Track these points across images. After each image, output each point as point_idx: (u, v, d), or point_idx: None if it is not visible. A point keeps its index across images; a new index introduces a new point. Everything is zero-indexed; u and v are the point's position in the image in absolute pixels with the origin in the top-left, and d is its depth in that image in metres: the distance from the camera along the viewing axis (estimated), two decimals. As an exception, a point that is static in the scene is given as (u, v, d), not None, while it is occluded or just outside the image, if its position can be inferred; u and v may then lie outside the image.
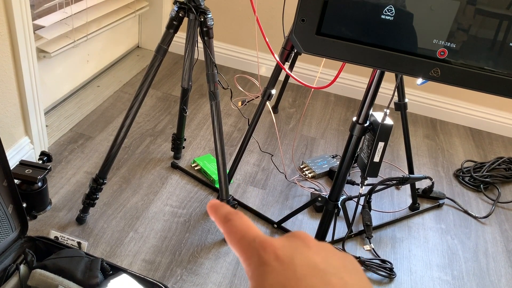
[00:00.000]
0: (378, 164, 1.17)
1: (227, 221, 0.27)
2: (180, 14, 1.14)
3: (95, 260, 1.02)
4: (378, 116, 1.14)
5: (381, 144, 1.14)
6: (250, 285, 0.24)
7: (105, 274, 1.03)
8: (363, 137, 1.16)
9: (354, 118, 1.14)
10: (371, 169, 1.17)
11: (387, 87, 2.21)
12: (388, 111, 1.11)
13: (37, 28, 1.54)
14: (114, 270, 1.04)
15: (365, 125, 1.13)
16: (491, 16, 0.80)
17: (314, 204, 1.53)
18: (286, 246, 0.24)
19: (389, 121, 1.13)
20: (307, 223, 1.49)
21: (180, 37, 2.39)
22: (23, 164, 1.31)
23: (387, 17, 0.82)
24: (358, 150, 1.19)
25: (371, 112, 1.13)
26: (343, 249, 1.37)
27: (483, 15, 0.80)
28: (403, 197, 1.69)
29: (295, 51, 1.43)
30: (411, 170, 1.58)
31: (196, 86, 2.16)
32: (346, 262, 0.24)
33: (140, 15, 2.32)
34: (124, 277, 1.02)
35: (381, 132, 1.12)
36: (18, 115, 1.42)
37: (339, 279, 0.23)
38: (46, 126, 1.66)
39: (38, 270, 0.97)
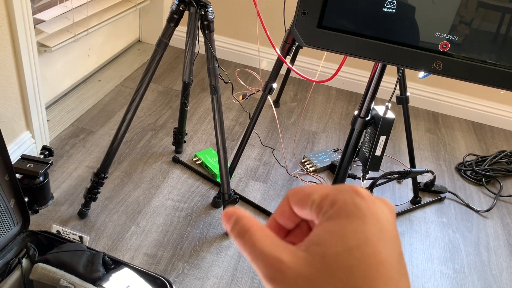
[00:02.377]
0: (380, 158, 1.17)
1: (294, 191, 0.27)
2: (180, 8, 1.13)
3: (97, 254, 1.02)
4: (379, 109, 1.13)
5: (382, 138, 1.13)
6: (322, 220, 0.23)
7: (107, 268, 1.03)
8: (364, 131, 1.16)
9: (356, 112, 1.13)
10: (373, 163, 1.17)
11: (389, 80, 2.20)
12: (389, 104, 1.11)
13: (37, 22, 1.53)
14: (116, 264, 1.05)
15: (367, 119, 1.12)
16: (494, 9, 0.79)
17: (316, 198, 1.53)
18: (378, 204, 0.24)
19: (390, 114, 1.12)
20: (309, 217, 1.49)
21: (180, 31, 2.38)
22: (24, 158, 1.31)
23: (389, 10, 0.81)
24: (360, 144, 1.19)
25: (372, 105, 1.13)
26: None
27: (486, 8, 0.80)
28: (404, 191, 1.68)
29: (297, 44, 1.43)
30: (412, 164, 1.57)
31: (197, 80, 2.15)
32: (404, 260, 0.25)
33: (141, 9, 2.31)
34: (126, 271, 1.03)
35: (382, 126, 1.12)
36: (19, 110, 1.41)
37: (404, 263, 0.23)
38: (47, 120, 1.66)
39: (40, 264, 0.97)
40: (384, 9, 0.81)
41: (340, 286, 0.21)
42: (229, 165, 1.50)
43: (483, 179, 1.79)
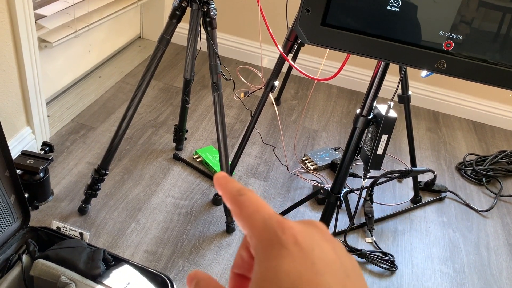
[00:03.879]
0: (381, 156, 1.16)
1: (240, 194, 0.25)
2: (183, 4, 1.13)
3: (97, 251, 1.02)
4: (381, 108, 1.13)
5: (384, 137, 1.13)
6: (256, 262, 0.22)
7: (107, 264, 1.03)
8: (366, 129, 1.16)
9: (358, 111, 1.13)
10: (374, 161, 1.17)
11: (390, 79, 2.20)
12: (392, 103, 1.11)
13: (38, 17, 1.52)
14: (116, 261, 1.04)
15: (369, 117, 1.12)
16: (497, 9, 0.79)
17: (316, 197, 1.53)
18: (306, 233, 0.23)
19: (393, 113, 1.12)
20: (309, 215, 1.48)
21: (181, 28, 2.37)
22: (25, 154, 1.31)
23: (393, 8, 0.81)
24: (361, 142, 1.18)
25: (374, 104, 1.12)
26: (345, 242, 1.37)
27: (489, 8, 0.79)
28: (405, 190, 1.68)
29: (299, 42, 1.42)
30: (413, 163, 1.57)
31: (197, 78, 2.15)
32: (355, 265, 0.24)
33: (142, 5, 2.31)
34: (126, 268, 1.03)
35: (384, 125, 1.11)
36: (20, 105, 1.41)
37: (353, 284, 0.22)
38: (48, 116, 1.65)
39: (41, 260, 0.97)
40: (389, 7, 0.80)
41: None
42: (229, 162, 1.50)
43: (484, 178, 1.79)
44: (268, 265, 0.22)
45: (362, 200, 1.46)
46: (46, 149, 1.40)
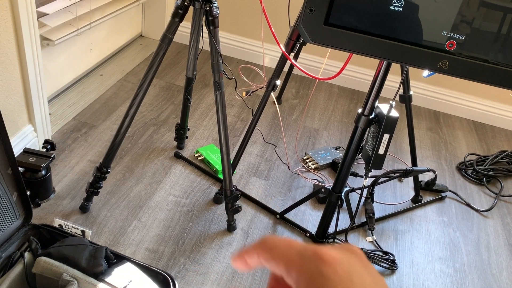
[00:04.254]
0: (383, 156, 1.17)
1: (262, 243, 0.27)
2: (185, 3, 1.13)
3: (100, 249, 1.03)
4: (383, 108, 1.14)
5: (386, 136, 1.13)
6: None
7: (109, 262, 1.03)
8: (368, 129, 1.16)
9: (360, 110, 1.13)
10: (376, 161, 1.17)
11: (391, 79, 2.20)
12: (394, 103, 1.11)
13: (40, 15, 1.53)
14: (118, 259, 1.05)
15: (371, 117, 1.12)
16: (499, 9, 0.79)
17: (317, 196, 1.53)
18: (344, 261, 0.24)
19: (394, 113, 1.13)
20: (310, 214, 1.49)
21: (183, 27, 2.37)
22: (26, 152, 1.31)
23: (396, 8, 0.81)
24: (363, 142, 1.19)
25: (376, 104, 1.13)
26: (346, 241, 1.37)
27: (491, 8, 0.79)
28: (405, 190, 1.69)
29: (301, 41, 1.42)
30: (414, 163, 1.58)
31: (199, 76, 2.15)
32: (386, 285, 0.25)
33: (143, 3, 2.31)
34: (128, 265, 1.03)
35: (386, 124, 1.12)
36: (22, 103, 1.41)
37: None
38: (49, 114, 1.66)
39: (43, 258, 0.97)
40: (392, 7, 0.81)
41: None
42: (231, 161, 1.50)
43: (484, 178, 1.80)
44: None
45: (363, 199, 1.47)
46: (48, 147, 1.40)
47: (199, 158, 1.63)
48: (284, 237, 0.26)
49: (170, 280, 1.02)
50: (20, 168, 1.20)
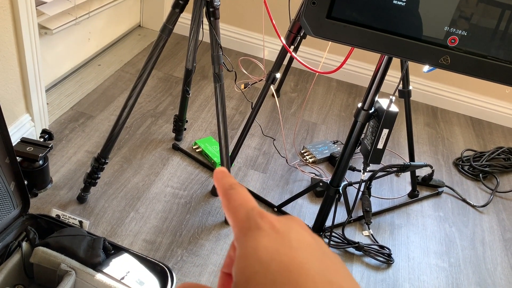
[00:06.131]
0: (382, 151, 1.17)
1: (230, 188, 0.27)
2: (186, -6, 1.12)
3: (98, 239, 1.03)
4: (383, 102, 1.14)
5: (385, 131, 1.14)
6: (237, 248, 0.24)
7: (107, 253, 1.03)
8: (367, 123, 1.16)
9: (359, 104, 1.13)
10: (374, 155, 1.17)
11: (390, 73, 2.20)
12: (393, 98, 1.11)
13: (38, 3, 1.51)
14: (115, 250, 1.05)
15: (370, 111, 1.13)
16: (497, 6, 0.79)
17: (315, 189, 1.54)
18: (283, 222, 0.25)
19: (394, 108, 1.13)
20: (307, 208, 1.49)
21: (182, 17, 2.35)
22: (24, 141, 1.30)
23: (399, 2, 0.80)
24: (362, 136, 1.19)
25: (376, 98, 1.13)
26: (343, 235, 1.38)
27: (492, 5, 0.79)
28: (402, 184, 1.69)
29: (301, 34, 1.42)
30: (412, 158, 1.58)
31: (197, 68, 2.14)
32: (337, 258, 0.25)
33: (142, -7, 2.29)
34: (125, 256, 1.03)
35: (386, 119, 1.12)
36: (19, 92, 1.40)
37: (331, 261, 0.23)
38: (47, 104, 1.65)
39: (41, 248, 0.97)
40: (394, 1, 0.80)
41: None
42: (229, 154, 1.50)
43: (480, 174, 1.81)
44: (248, 245, 0.23)
45: (360, 193, 1.47)
46: (45, 137, 1.40)
47: (197, 150, 1.63)
48: (246, 194, 0.27)
49: (167, 271, 1.02)
50: (17, 158, 1.20)
